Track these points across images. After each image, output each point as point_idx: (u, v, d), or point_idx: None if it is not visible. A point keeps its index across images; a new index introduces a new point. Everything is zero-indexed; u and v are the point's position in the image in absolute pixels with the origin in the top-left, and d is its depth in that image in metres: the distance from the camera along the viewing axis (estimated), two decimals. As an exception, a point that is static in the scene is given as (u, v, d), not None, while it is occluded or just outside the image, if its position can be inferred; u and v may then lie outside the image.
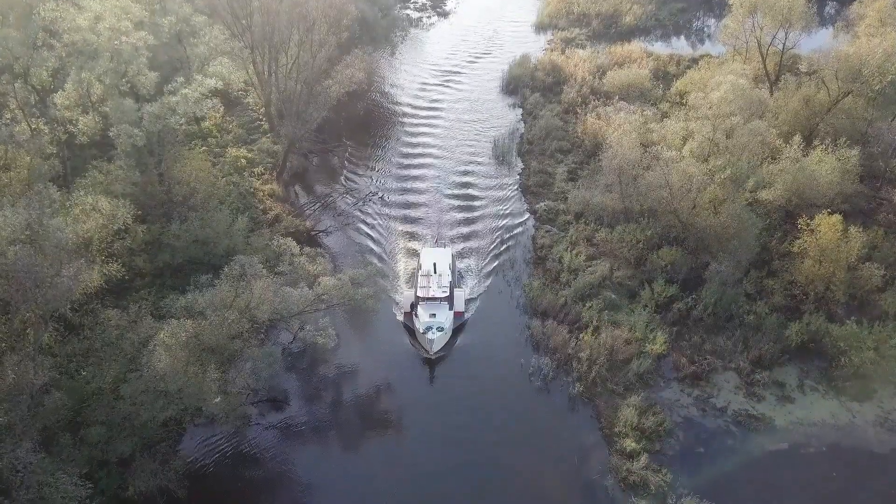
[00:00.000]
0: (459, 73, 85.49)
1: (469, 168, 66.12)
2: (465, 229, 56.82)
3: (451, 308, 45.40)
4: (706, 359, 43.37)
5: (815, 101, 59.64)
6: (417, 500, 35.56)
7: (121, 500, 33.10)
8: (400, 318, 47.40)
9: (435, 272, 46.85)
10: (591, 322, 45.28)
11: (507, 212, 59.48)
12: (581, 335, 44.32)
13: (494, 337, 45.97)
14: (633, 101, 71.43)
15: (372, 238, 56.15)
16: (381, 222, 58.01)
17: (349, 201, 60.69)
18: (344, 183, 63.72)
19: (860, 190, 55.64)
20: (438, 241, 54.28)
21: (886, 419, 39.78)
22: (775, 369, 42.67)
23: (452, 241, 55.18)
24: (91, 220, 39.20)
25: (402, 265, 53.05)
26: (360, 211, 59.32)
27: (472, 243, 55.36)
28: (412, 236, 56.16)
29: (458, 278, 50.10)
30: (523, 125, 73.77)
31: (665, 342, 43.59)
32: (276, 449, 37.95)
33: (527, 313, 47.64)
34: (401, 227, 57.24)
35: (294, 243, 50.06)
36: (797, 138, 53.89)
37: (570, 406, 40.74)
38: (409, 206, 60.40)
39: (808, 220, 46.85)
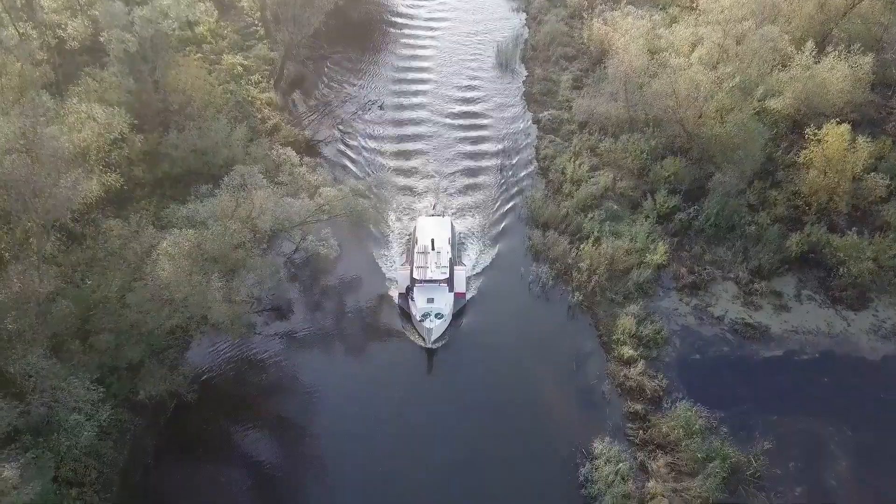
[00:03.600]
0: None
1: (471, 75, 64.63)
2: (467, 146, 56.08)
3: (450, 290, 40.75)
4: (706, 269, 43.69)
5: (830, 5, 57.31)
6: (418, 399, 36.61)
7: (132, 403, 34.11)
8: (395, 297, 42.26)
9: (433, 249, 41.85)
10: (593, 233, 45.32)
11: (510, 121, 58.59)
12: (582, 246, 44.46)
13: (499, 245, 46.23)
14: (641, 6, 68.72)
15: (373, 140, 55.73)
16: (380, 131, 57.22)
17: (349, 109, 59.58)
18: (343, 91, 62.34)
19: (871, 99, 54.38)
20: (436, 208, 48.45)
21: (880, 327, 40.47)
22: (774, 279, 43.04)
23: (453, 157, 54.47)
24: (87, 128, 38.58)
25: (401, 180, 52.36)
26: (360, 120, 58.32)
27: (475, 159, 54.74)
28: (414, 149, 55.48)
29: (458, 251, 44.93)
30: (527, 30, 71.50)
31: (665, 253, 43.77)
32: (282, 356, 38.84)
33: (528, 224, 47.65)
34: (400, 137, 56.42)
35: (294, 153, 49.50)
36: (810, 44, 52.16)
37: (568, 315, 41.37)
38: (409, 109, 59.48)
39: (816, 130, 46.05)
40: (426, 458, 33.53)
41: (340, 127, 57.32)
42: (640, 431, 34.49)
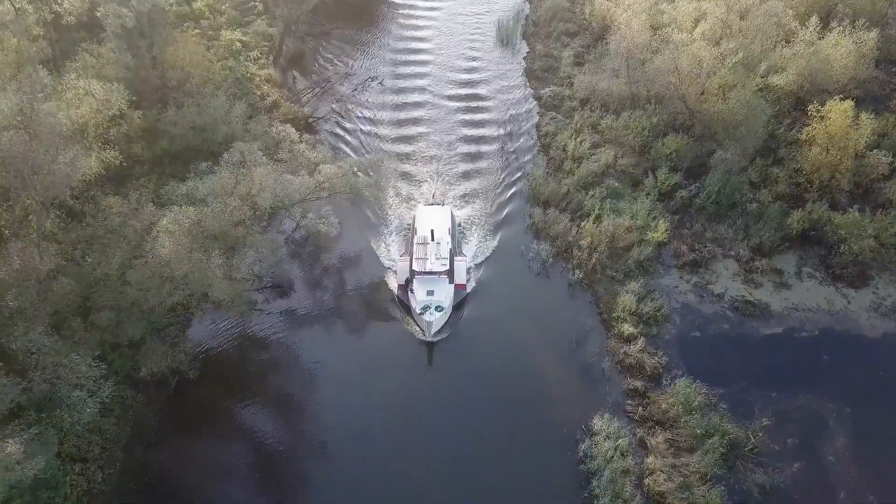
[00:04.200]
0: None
1: (472, 48, 64.25)
2: (467, 122, 55.72)
3: (451, 282, 39.81)
4: (706, 246, 43.63)
5: (835, -20, 56.76)
6: (419, 377, 36.79)
7: (134, 380, 34.27)
8: (394, 288, 41.23)
9: (432, 240, 40.68)
10: (594, 210, 45.18)
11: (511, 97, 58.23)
12: (583, 223, 44.35)
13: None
14: (644, -20, 67.94)
15: (370, 121, 55.29)
16: (379, 107, 56.88)
17: (348, 86, 59.14)
18: (342, 67, 61.85)
19: (875, 75, 53.96)
20: (436, 197, 47.14)
21: (880, 305, 40.51)
22: (775, 257, 43.00)
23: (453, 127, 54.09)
24: (85, 105, 38.29)
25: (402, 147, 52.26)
26: (360, 95, 57.95)
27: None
28: (414, 121, 55.13)
29: (458, 241, 43.72)
30: (528, 6, 70.77)
31: (666, 230, 43.68)
32: (282, 333, 38.90)
33: (529, 202, 47.49)
34: (401, 113, 56.10)
35: (293, 130, 49.23)
36: (814, 20, 51.67)
37: (569, 292, 41.39)
38: (410, 80, 59.15)
39: (819, 107, 45.71)
40: (426, 435, 33.72)
41: (340, 103, 56.92)
42: (640, 408, 34.66)
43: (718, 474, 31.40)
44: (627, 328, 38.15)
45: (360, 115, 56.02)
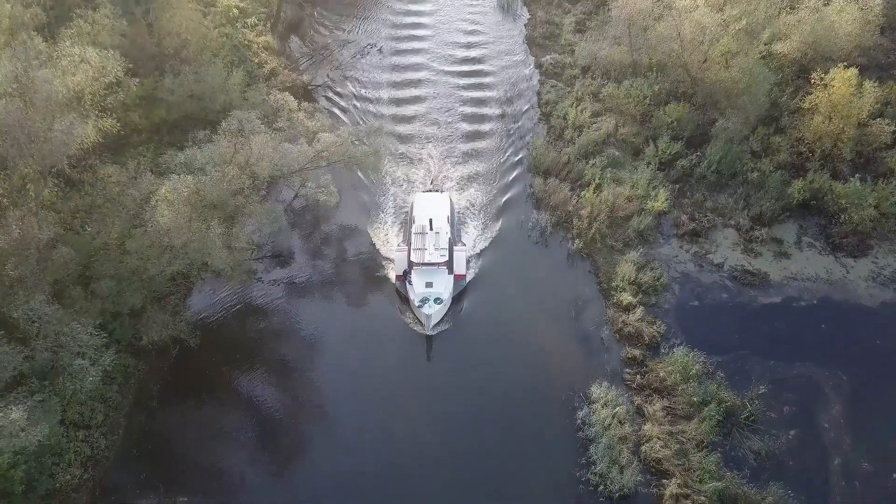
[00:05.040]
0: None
1: (472, 12, 63.55)
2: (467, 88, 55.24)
3: (450, 272, 38.64)
4: (706, 216, 43.56)
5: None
6: (419, 341, 36.95)
7: (136, 349, 34.49)
8: (392, 279, 40.18)
9: (431, 229, 39.52)
10: (594, 180, 44.99)
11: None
12: (583, 193, 44.21)
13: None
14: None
15: (368, 88, 55.12)
16: (378, 75, 56.35)
17: (347, 53, 58.52)
18: (341, 35, 61.14)
19: (880, 42, 53.34)
20: (434, 183, 45.83)
21: (879, 274, 40.56)
22: (775, 226, 42.94)
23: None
24: (80, 72, 37.85)
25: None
26: (359, 63, 57.41)
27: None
28: (413, 86, 54.80)
29: (458, 230, 42.51)
30: (529, -29, 69.64)
31: (667, 199, 43.55)
32: (282, 301, 39.04)
33: (530, 172, 47.31)
34: (399, 75, 55.69)
35: (292, 98, 48.83)
36: (819, -15, 50.94)
37: (568, 262, 41.44)
38: (409, 44, 59.09)
39: (823, 75, 45.25)
40: (425, 400, 34.00)
41: (339, 70, 56.38)
42: (638, 376, 34.89)
43: (715, 441, 31.74)
44: (626, 297, 38.24)
45: (358, 81, 55.48)
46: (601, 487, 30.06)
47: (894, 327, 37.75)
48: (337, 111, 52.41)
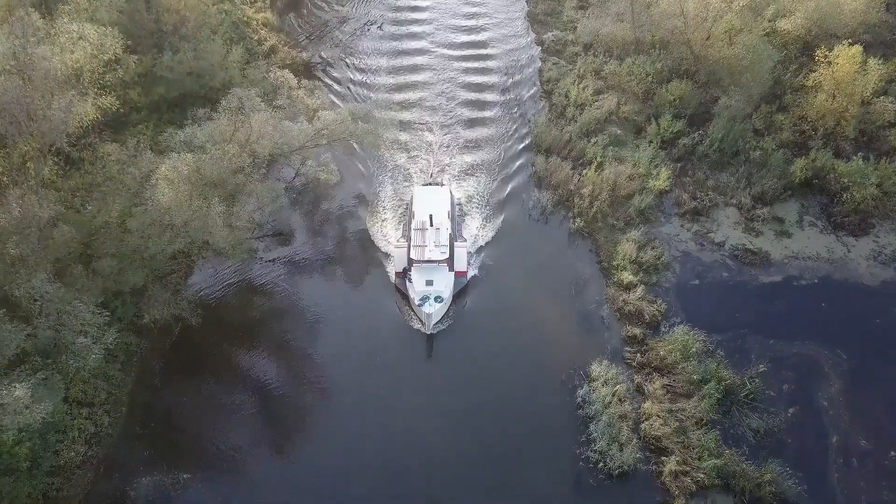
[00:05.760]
0: None
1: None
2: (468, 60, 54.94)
3: (450, 269, 37.53)
4: (708, 195, 43.43)
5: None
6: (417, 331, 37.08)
7: (138, 327, 34.61)
8: (392, 276, 39.09)
9: (431, 225, 38.37)
10: (595, 158, 44.80)
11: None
12: (584, 171, 44.04)
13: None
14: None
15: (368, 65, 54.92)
16: (378, 51, 55.99)
17: (347, 30, 58.03)
18: (341, 11, 60.58)
19: (885, 19, 52.81)
20: (434, 177, 44.67)
21: (880, 253, 40.54)
22: (776, 205, 42.85)
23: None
24: (79, 49, 37.53)
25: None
26: (359, 40, 56.98)
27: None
28: (413, 64, 54.40)
29: (459, 224, 41.39)
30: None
31: (668, 178, 43.41)
32: (284, 280, 39.08)
33: (532, 151, 47.11)
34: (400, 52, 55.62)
35: (291, 76, 48.45)
36: (825, -39, 50.26)
37: (569, 241, 41.41)
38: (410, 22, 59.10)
39: (827, 52, 44.86)
40: (427, 380, 34.23)
41: (339, 48, 55.95)
42: (638, 355, 35.01)
43: (714, 419, 31.94)
44: (627, 276, 38.26)
45: (357, 58, 55.11)
46: (601, 465, 30.31)
47: (894, 306, 37.81)
48: (337, 87, 52.15)
